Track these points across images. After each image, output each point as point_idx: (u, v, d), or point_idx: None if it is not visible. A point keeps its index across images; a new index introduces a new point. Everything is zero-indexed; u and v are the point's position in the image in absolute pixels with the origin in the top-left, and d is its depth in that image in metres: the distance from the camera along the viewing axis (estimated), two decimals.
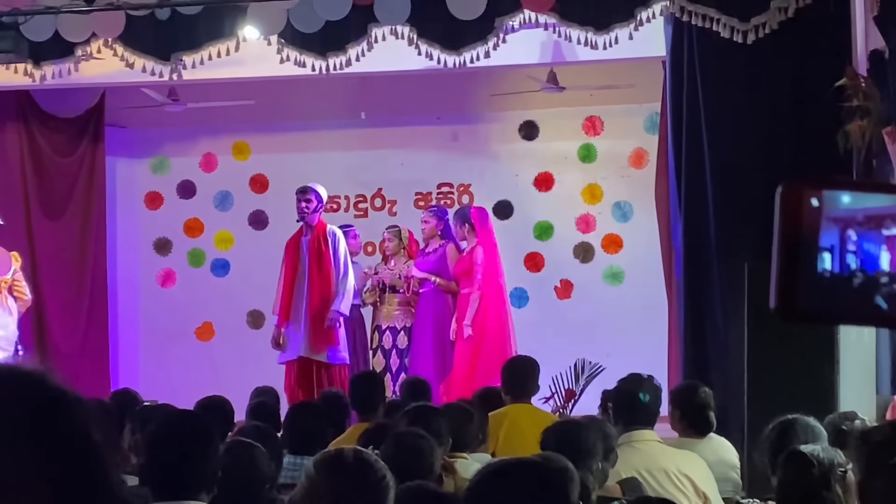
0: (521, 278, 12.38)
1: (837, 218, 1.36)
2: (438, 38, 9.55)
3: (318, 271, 10.25)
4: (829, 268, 1.35)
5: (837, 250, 1.36)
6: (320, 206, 10.49)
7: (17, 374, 1.16)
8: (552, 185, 12.74)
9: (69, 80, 10.29)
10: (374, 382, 8.01)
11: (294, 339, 10.25)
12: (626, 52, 9.61)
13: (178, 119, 12.52)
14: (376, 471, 3.52)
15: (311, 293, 10.23)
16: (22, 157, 11.88)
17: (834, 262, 1.36)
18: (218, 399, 6.97)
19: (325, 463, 3.54)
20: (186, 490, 3.93)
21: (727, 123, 8.98)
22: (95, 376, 10.74)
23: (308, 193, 10.42)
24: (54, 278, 11.80)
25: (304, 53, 9.71)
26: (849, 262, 1.36)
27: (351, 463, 3.51)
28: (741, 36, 8.82)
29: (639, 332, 11.64)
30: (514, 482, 3.06)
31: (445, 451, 5.56)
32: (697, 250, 9.07)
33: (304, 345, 10.20)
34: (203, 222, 13.28)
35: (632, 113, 12.26)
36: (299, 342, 10.22)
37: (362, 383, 7.81)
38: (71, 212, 12.05)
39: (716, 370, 8.72)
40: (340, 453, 3.62)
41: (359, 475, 3.47)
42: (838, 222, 1.36)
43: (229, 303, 12.99)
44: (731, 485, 6.28)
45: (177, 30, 9.74)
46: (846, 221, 1.37)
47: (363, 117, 12.09)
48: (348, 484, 3.45)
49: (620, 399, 6.01)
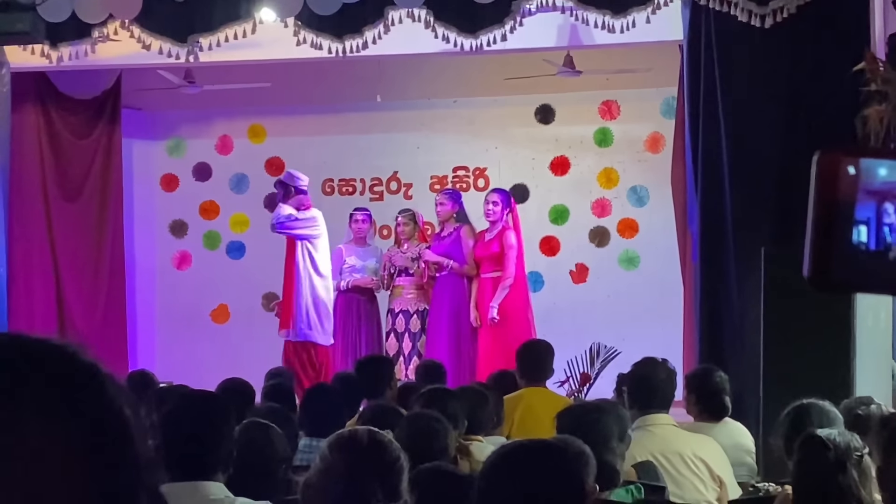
0: (536, 262, 12.37)
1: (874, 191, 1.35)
2: (455, 20, 9.53)
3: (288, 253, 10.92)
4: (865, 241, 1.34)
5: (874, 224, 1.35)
6: (296, 191, 10.90)
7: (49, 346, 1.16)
8: (568, 168, 12.73)
9: (86, 61, 10.29)
10: (381, 365, 8.02)
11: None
12: (643, 35, 9.58)
13: (194, 101, 12.52)
14: (390, 451, 3.52)
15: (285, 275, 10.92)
16: (39, 138, 11.90)
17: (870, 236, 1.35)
18: (239, 381, 6.98)
19: (340, 444, 3.54)
20: (202, 470, 3.94)
21: (744, 108, 8.95)
22: (113, 358, 10.75)
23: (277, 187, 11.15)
24: (72, 260, 11.83)
25: (321, 36, 9.70)
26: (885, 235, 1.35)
27: (365, 444, 3.51)
28: (759, 20, 8.79)
29: (654, 317, 11.64)
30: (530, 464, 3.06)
31: (461, 434, 5.57)
32: (714, 235, 9.04)
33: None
34: (219, 205, 13.30)
35: (648, 97, 12.23)
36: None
37: (369, 366, 7.82)
38: (88, 193, 12.06)
39: (731, 354, 8.70)
40: (355, 434, 3.62)
41: (373, 456, 3.48)
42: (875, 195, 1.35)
43: (244, 285, 13.02)
44: (747, 469, 6.27)
45: (193, 12, 9.74)
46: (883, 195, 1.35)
47: (379, 100, 12.07)
48: (362, 464, 3.45)
49: (635, 383, 6.00)
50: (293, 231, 10.73)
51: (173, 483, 3.85)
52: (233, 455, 4.02)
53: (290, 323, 10.68)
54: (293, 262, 10.71)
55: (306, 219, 10.77)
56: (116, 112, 12.27)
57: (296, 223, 10.70)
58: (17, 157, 11.42)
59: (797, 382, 6.26)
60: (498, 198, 10.75)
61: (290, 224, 10.71)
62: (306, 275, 10.72)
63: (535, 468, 3.05)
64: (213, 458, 3.96)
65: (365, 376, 7.53)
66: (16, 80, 11.00)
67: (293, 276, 10.70)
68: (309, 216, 10.78)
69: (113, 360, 10.62)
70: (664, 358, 6.14)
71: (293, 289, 10.70)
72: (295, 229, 10.73)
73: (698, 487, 5.52)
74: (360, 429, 3.70)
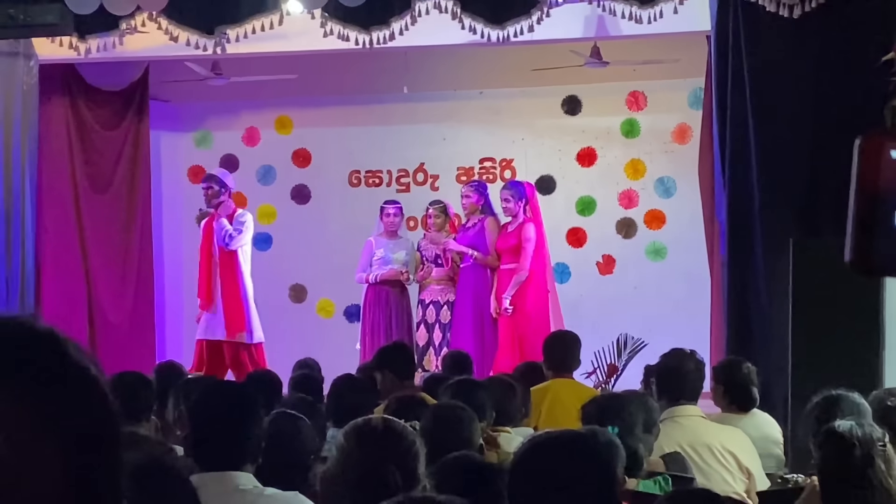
0: (563, 253, 12.37)
1: None
2: (482, 12, 9.51)
3: (227, 256, 10.72)
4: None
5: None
6: (224, 191, 10.86)
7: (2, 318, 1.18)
8: (595, 160, 12.71)
9: (114, 53, 10.32)
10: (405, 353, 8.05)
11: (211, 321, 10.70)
12: (671, 26, 9.54)
13: (221, 93, 12.55)
14: (405, 438, 3.53)
15: (223, 278, 10.72)
16: (68, 130, 11.95)
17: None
18: (266, 372, 7.00)
19: (355, 432, 3.56)
20: (230, 460, 3.95)
21: (772, 98, 8.90)
22: (142, 348, 10.82)
23: (209, 180, 10.93)
24: (101, 251, 11.88)
25: (348, 27, 9.69)
26: None
27: (380, 431, 3.53)
28: (787, 10, 8.74)
29: (681, 308, 11.63)
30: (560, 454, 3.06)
31: (489, 425, 5.58)
32: (741, 226, 9.01)
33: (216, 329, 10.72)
34: (246, 196, 13.30)
35: (675, 88, 12.20)
36: (212, 325, 10.70)
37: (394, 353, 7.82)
38: (116, 185, 12.12)
39: (759, 346, 8.67)
40: (369, 422, 3.64)
41: (388, 443, 3.49)
42: None
43: (271, 276, 13.03)
44: (775, 460, 6.27)
45: (221, 3, 9.75)
46: None
47: (406, 91, 12.07)
48: (378, 452, 3.46)
49: (664, 374, 6.00)
50: (244, 243, 10.77)
51: (202, 473, 3.86)
52: (261, 446, 4.04)
53: (244, 326, 10.66)
54: (237, 266, 10.71)
55: (247, 224, 10.83)
56: (144, 104, 12.31)
57: (243, 235, 10.76)
58: (45, 149, 11.48)
59: (825, 373, 6.24)
60: (508, 194, 10.76)
61: (241, 238, 10.73)
62: (248, 277, 10.78)
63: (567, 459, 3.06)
64: (241, 448, 3.97)
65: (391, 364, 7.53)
66: (44, 72, 11.05)
67: (239, 279, 10.71)
68: (247, 221, 10.85)
69: (141, 351, 10.69)
70: (692, 349, 6.14)
71: (242, 292, 10.71)
72: (244, 241, 10.78)
73: (726, 479, 5.52)
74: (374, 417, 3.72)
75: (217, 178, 10.86)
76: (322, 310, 13.09)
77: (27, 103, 10.94)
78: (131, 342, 10.85)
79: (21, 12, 8.94)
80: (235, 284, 10.64)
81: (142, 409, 5.71)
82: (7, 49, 10.64)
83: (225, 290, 10.65)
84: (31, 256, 11.01)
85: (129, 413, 5.61)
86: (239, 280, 10.67)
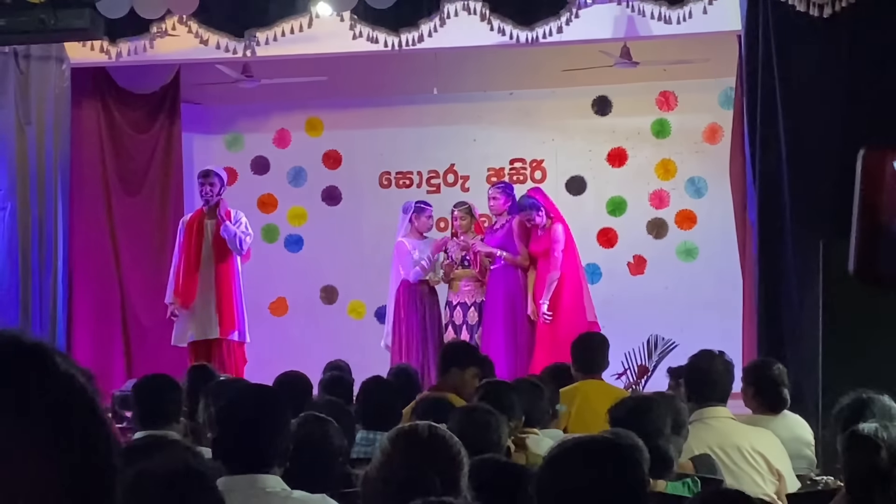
0: (593, 254, 12.35)
1: None
2: (511, 13, 9.51)
3: (224, 254, 10.59)
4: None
5: None
6: (223, 188, 10.79)
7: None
8: (625, 160, 12.69)
9: (145, 56, 10.37)
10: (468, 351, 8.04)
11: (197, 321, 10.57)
12: (701, 26, 9.52)
13: (251, 95, 12.59)
14: (450, 446, 3.53)
15: (219, 276, 10.58)
16: (100, 133, 12.03)
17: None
18: (295, 374, 7.01)
19: (400, 437, 3.56)
20: (259, 463, 3.97)
21: (803, 98, 8.87)
22: (175, 351, 10.83)
23: (211, 177, 10.76)
24: (134, 254, 11.93)
25: (377, 29, 9.71)
26: None
27: (425, 438, 3.53)
28: (817, 9, 8.70)
29: (712, 309, 11.60)
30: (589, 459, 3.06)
31: (518, 427, 5.58)
32: (772, 226, 8.98)
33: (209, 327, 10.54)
34: (277, 198, 13.37)
35: (706, 88, 12.17)
36: (204, 324, 10.54)
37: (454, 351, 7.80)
38: (148, 188, 12.18)
39: (790, 346, 8.64)
40: (415, 428, 3.64)
41: (433, 450, 3.49)
42: None
43: (303, 278, 13.09)
44: (806, 462, 6.24)
45: (250, 6, 9.79)
46: None
47: (435, 93, 12.08)
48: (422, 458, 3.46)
49: (693, 376, 5.98)
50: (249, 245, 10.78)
51: (230, 476, 3.88)
52: (289, 448, 4.05)
53: (236, 325, 10.64)
54: (233, 264, 10.68)
55: (249, 226, 10.80)
56: (175, 106, 12.37)
57: (248, 237, 10.73)
58: (77, 152, 11.56)
59: (857, 374, 6.21)
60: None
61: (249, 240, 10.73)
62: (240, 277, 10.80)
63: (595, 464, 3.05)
64: (269, 450, 3.98)
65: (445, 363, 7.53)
66: (76, 75, 11.12)
67: (234, 277, 10.68)
68: (246, 221, 10.79)
69: (175, 355, 10.71)
70: (721, 350, 6.12)
71: (237, 291, 10.69)
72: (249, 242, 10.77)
73: (756, 481, 5.50)
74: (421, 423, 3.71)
75: (219, 176, 10.80)
76: (353, 311, 13.11)
77: (59, 107, 11.02)
78: (164, 346, 10.88)
79: (52, 17, 8.99)
80: (231, 283, 10.63)
81: (170, 413, 5.73)
82: (39, 53, 10.73)
83: (221, 289, 10.56)
84: (63, 259, 11.08)
85: (156, 416, 5.64)
86: (234, 278, 10.66)
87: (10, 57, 10.62)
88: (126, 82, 12.14)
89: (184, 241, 10.67)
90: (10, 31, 9.24)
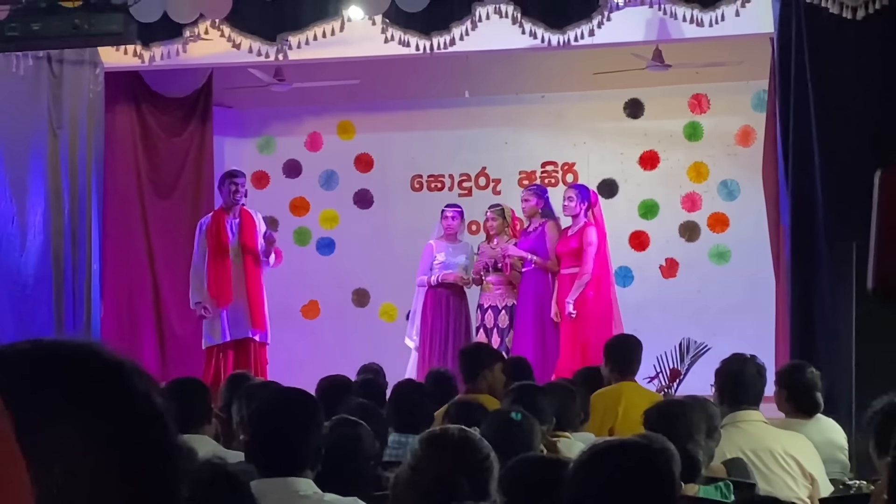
0: (625, 257, 12.33)
1: None
2: (542, 16, 9.51)
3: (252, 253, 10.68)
4: None
5: None
6: (245, 191, 10.92)
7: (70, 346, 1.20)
8: (657, 163, 12.66)
9: (177, 60, 10.41)
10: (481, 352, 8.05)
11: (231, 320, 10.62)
12: (733, 28, 9.49)
13: (283, 99, 12.63)
14: (481, 450, 3.54)
15: (249, 275, 10.64)
16: (134, 136, 12.10)
17: None
18: (339, 378, 7.04)
19: (431, 441, 3.57)
20: (291, 466, 3.98)
21: (836, 101, 8.83)
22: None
23: (240, 177, 10.87)
24: (167, 258, 11.96)
25: (409, 33, 9.72)
26: None
27: (456, 441, 3.53)
28: (850, 12, 8.66)
29: (745, 312, 11.56)
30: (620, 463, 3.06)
31: (550, 430, 5.58)
32: (805, 230, 8.94)
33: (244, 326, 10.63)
34: (308, 201, 13.40)
35: (739, 90, 12.13)
36: (239, 323, 10.60)
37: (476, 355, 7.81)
38: (181, 191, 12.23)
39: (823, 350, 8.61)
40: (446, 431, 3.64)
41: (464, 454, 3.49)
42: None
43: (335, 281, 13.11)
44: (839, 466, 6.21)
45: (282, 10, 9.82)
46: None
47: (467, 96, 12.09)
48: (453, 462, 3.47)
49: (725, 379, 5.96)
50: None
51: (262, 479, 3.89)
52: (322, 451, 4.05)
53: (265, 324, 10.71)
54: (259, 265, 10.74)
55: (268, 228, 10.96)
56: (208, 110, 12.43)
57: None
58: (111, 156, 11.63)
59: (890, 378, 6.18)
60: (573, 193, 10.73)
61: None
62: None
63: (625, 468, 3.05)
64: (301, 454, 3.99)
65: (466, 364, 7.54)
66: (109, 79, 11.18)
67: (261, 278, 10.74)
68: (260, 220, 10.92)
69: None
70: (752, 354, 6.10)
71: (262, 290, 10.75)
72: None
73: (789, 484, 5.47)
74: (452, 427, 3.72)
75: (244, 178, 10.94)
76: (385, 314, 13.12)
77: (93, 110, 11.09)
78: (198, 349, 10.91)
79: (85, 21, 9.04)
80: (258, 282, 10.71)
81: (199, 415, 5.73)
82: (73, 58, 10.79)
83: (250, 288, 10.63)
84: (97, 262, 11.14)
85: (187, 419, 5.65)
86: (261, 278, 10.75)
87: (44, 61, 10.69)
88: (159, 86, 12.20)
89: (211, 242, 10.68)
90: (44, 36, 9.29)
